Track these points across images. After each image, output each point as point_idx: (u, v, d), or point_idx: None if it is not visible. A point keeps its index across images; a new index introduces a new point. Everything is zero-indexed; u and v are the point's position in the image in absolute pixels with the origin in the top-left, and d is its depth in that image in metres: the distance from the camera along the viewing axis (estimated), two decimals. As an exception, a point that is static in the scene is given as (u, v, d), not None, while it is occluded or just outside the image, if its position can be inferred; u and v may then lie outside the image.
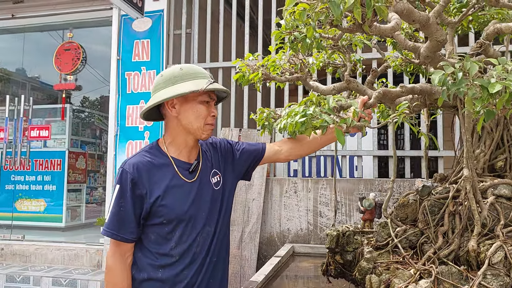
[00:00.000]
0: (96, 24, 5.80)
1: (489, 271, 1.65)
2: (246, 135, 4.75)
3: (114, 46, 5.25)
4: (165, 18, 5.20)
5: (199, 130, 1.62)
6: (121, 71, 5.25)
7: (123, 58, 5.25)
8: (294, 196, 4.43)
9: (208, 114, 1.62)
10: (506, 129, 2.07)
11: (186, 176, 1.64)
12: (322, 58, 2.48)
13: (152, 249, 1.60)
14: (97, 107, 7.50)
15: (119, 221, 1.55)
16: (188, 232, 1.61)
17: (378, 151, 4.50)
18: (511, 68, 1.21)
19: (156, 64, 5.19)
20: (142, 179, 1.56)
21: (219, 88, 1.62)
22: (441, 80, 1.35)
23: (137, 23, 5.23)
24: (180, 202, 1.60)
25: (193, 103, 1.61)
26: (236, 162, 1.82)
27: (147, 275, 1.59)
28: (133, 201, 1.55)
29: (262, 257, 4.46)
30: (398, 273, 1.77)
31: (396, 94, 2.10)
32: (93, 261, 5.05)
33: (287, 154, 1.90)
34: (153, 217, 1.59)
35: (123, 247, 1.58)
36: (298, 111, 1.53)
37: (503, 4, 1.31)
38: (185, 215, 1.60)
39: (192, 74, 1.61)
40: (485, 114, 1.36)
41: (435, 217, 1.95)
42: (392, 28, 1.43)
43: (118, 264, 1.57)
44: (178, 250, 1.60)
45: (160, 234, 1.60)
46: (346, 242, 2.16)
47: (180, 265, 1.60)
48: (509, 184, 1.87)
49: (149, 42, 5.23)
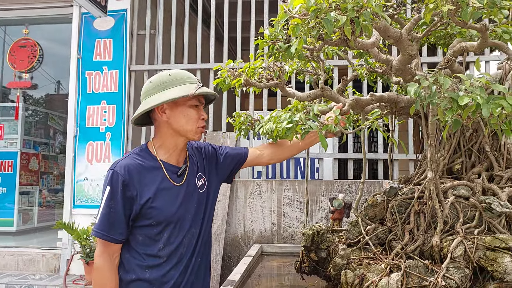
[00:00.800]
0: (55, 21, 5.61)
1: (451, 264, 1.83)
2: (211, 137, 4.80)
3: (74, 44, 5.12)
4: (129, 18, 5.14)
5: (191, 133, 1.67)
6: (81, 70, 5.12)
7: (83, 57, 5.13)
8: (259, 197, 4.54)
9: (198, 117, 1.68)
10: (462, 135, 2.28)
11: (174, 180, 1.68)
12: (295, 66, 2.60)
13: (140, 250, 1.63)
14: (52, 106, 7.22)
15: (109, 222, 1.57)
16: (175, 233, 1.66)
17: (338, 154, 4.71)
18: (478, 84, 1.38)
19: (119, 64, 5.11)
20: (133, 181, 1.59)
21: (208, 92, 1.68)
22: (416, 92, 1.51)
23: (99, 21, 5.13)
24: (169, 204, 1.64)
25: (183, 107, 1.66)
26: (219, 166, 1.89)
27: (135, 276, 1.62)
28: (124, 202, 1.57)
29: (227, 258, 4.53)
30: (370, 268, 1.91)
31: (366, 102, 2.26)
32: (50, 266, 4.88)
33: (268, 158, 2.00)
34: (142, 219, 1.61)
35: (111, 248, 1.60)
36: (285, 118, 1.63)
37: (469, 25, 1.48)
38: (174, 217, 1.65)
39: (181, 79, 1.66)
40: (453, 123, 1.53)
41: (402, 215, 2.12)
42: (373, 43, 1.56)
43: (106, 265, 1.59)
44: (166, 251, 1.64)
45: (149, 236, 1.63)
46: (320, 240, 2.28)
47: (167, 266, 1.64)
48: (467, 185, 2.08)
49: (112, 42, 5.15)
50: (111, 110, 5.04)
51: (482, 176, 2.12)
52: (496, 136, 2.25)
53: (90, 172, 4.97)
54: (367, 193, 4.16)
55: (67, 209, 4.92)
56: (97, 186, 4.94)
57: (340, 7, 1.32)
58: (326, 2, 1.33)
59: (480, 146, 2.24)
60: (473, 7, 1.32)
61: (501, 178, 2.09)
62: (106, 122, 5.04)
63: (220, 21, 6.64)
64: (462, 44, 1.73)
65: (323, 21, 1.31)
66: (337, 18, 1.30)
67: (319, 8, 1.33)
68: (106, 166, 4.95)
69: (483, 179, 2.10)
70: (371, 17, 1.37)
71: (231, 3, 5.18)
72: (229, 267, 4.43)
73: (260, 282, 2.57)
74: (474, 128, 2.27)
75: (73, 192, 4.96)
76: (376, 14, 1.42)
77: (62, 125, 7.14)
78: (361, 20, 1.35)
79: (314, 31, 1.37)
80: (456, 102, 1.43)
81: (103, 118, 5.05)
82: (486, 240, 1.83)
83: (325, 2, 1.33)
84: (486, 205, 1.93)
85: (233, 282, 2.17)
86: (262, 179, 4.61)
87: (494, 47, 1.70)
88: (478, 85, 1.39)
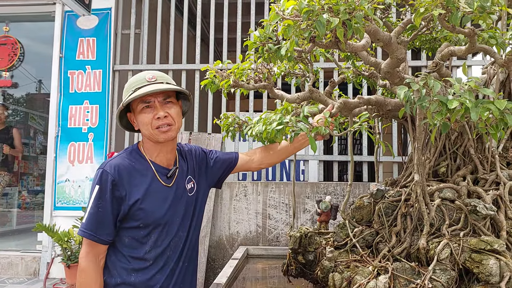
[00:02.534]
0: (37, 19, 5.48)
1: (437, 266, 1.84)
2: (196, 138, 4.76)
3: (56, 43, 5.01)
4: (113, 17, 5.07)
5: (154, 136, 1.62)
6: (63, 69, 5.02)
7: (66, 56, 5.03)
8: (244, 199, 4.51)
9: (152, 118, 1.60)
10: (447, 139, 2.31)
11: (164, 181, 1.66)
12: (283, 67, 2.60)
13: (126, 252, 1.60)
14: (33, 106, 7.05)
15: (97, 222, 1.54)
16: (163, 236, 1.63)
17: (323, 156, 4.73)
18: (467, 88, 1.39)
19: (103, 64, 5.03)
20: (122, 181, 1.56)
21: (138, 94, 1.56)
22: (406, 95, 1.51)
23: (82, 20, 5.03)
24: (157, 206, 1.61)
25: (137, 114, 1.63)
26: (209, 170, 1.87)
27: (120, 279, 1.59)
28: (112, 202, 1.55)
29: (211, 261, 4.49)
30: (358, 270, 1.91)
31: (354, 105, 2.26)
32: (29, 269, 4.76)
33: (258, 163, 1.99)
34: (129, 220, 1.59)
35: (97, 249, 1.57)
36: (274, 119, 1.62)
37: (458, 30, 1.49)
38: (162, 220, 1.62)
39: (131, 85, 1.62)
40: (442, 126, 1.55)
41: (388, 218, 2.14)
42: (363, 46, 1.56)
43: (91, 266, 1.55)
44: (153, 254, 1.61)
45: (135, 238, 1.60)
46: (308, 242, 2.28)
47: (153, 269, 1.61)
48: (452, 188, 2.10)
49: (95, 41, 5.06)
50: (94, 110, 4.95)
51: (467, 179, 2.15)
52: (481, 140, 2.28)
53: (72, 173, 4.87)
54: (352, 195, 4.19)
55: (48, 211, 4.81)
56: (79, 187, 4.84)
57: (332, 9, 1.31)
58: (319, 4, 1.32)
59: (465, 149, 2.28)
60: (463, 11, 1.33)
61: (486, 181, 2.12)
62: (88, 123, 4.95)
63: (206, 22, 6.61)
64: (451, 49, 1.75)
65: (315, 23, 1.30)
66: (330, 20, 1.30)
67: (311, 9, 1.32)
68: (89, 167, 4.86)
69: (468, 182, 2.13)
70: (363, 20, 1.37)
71: (217, 4, 5.16)
72: (213, 270, 4.40)
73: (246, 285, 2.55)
74: (459, 131, 2.30)
75: (54, 194, 4.85)
76: (367, 17, 1.42)
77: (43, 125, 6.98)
78: (353, 23, 1.34)
79: (306, 33, 1.36)
80: (445, 105, 1.45)
81: (86, 118, 4.96)
82: (472, 242, 1.85)
83: (317, 4, 1.32)
84: (471, 208, 1.95)
85: (220, 286, 2.15)
86: (247, 181, 4.59)
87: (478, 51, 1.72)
88: (467, 89, 1.40)
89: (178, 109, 1.68)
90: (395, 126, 4.53)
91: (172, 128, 1.62)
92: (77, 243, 4.29)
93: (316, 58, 2.58)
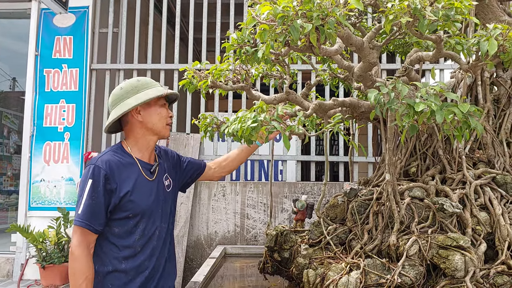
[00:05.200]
0: (12, 16, 5.36)
1: (407, 262, 1.92)
2: (175, 138, 4.77)
3: (32, 41, 4.93)
4: (90, 15, 5.02)
5: (163, 130, 1.83)
6: (39, 67, 4.94)
7: (42, 54, 4.95)
8: (223, 199, 4.54)
9: (167, 115, 1.84)
10: (418, 140, 2.41)
11: (148, 175, 1.81)
12: (261, 69, 2.65)
13: (116, 242, 1.73)
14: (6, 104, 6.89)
15: (91, 213, 1.66)
16: (150, 226, 1.78)
17: (301, 156, 4.80)
18: (432, 92, 1.47)
19: (79, 62, 4.98)
20: (113, 175, 1.70)
21: (174, 92, 1.85)
22: (376, 98, 1.58)
23: (59, 18, 4.97)
24: (144, 197, 1.76)
25: (155, 107, 1.82)
26: (181, 172, 2.05)
27: (111, 267, 1.71)
28: (104, 195, 1.68)
29: (189, 260, 4.51)
30: (331, 267, 1.98)
31: (329, 107, 2.33)
32: (3, 271, 4.67)
33: (218, 171, 2.20)
34: (119, 211, 1.72)
35: (89, 238, 1.68)
36: (249, 117, 1.67)
37: (425, 37, 1.57)
38: (148, 210, 1.77)
39: (149, 83, 1.84)
40: (410, 128, 1.62)
41: (361, 216, 2.21)
42: (336, 50, 1.63)
43: (85, 254, 1.66)
44: (141, 242, 1.75)
45: (125, 227, 1.73)
46: (283, 240, 2.33)
47: (141, 256, 1.75)
48: (421, 187, 2.19)
49: (72, 39, 5.00)
50: (71, 109, 4.89)
51: (435, 179, 2.25)
52: (449, 141, 2.39)
53: (47, 173, 4.80)
54: (329, 194, 4.27)
55: (22, 212, 4.73)
56: (54, 187, 4.77)
57: (306, 15, 1.37)
58: (293, 9, 1.37)
59: (434, 150, 2.38)
60: (429, 19, 1.41)
61: (453, 180, 2.22)
62: (65, 122, 4.88)
63: (185, 22, 6.60)
64: (419, 54, 1.83)
65: (290, 28, 1.36)
66: (303, 25, 1.35)
67: (286, 15, 1.38)
68: (65, 167, 4.80)
69: (437, 181, 2.23)
70: (335, 26, 1.42)
71: (196, 4, 5.17)
72: (191, 270, 4.41)
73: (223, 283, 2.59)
74: (429, 133, 2.40)
75: (29, 194, 4.77)
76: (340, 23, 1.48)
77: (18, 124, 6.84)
78: (326, 28, 1.40)
79: (281, 37, 1.42)
80: (413, 108, 1.52)
81: (62, 118, 4.89)
82: (439, 239, 1.94)
83: (291, 9, 1.38)
84: (439, 206, 2.04)
85: (196, 284, 2.18)
86: (226, 181, 4.62)
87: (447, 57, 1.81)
88: (432, 93, 1.48)
89: None
90: (370, 127, 4.64)
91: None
92: (52, 244, 4.24)
93: (293, 60, 2.64)
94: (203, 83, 2.17)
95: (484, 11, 2.38)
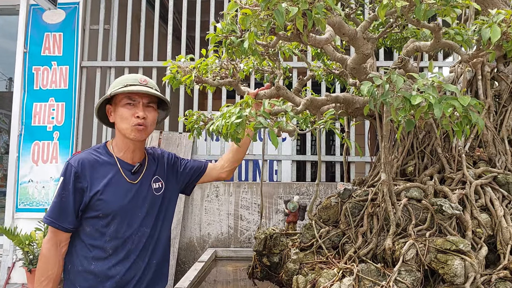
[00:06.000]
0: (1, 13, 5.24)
1: (403, 267, 1.80)
2: (167, 137, 4.64)
3: (20, 37, 4.80)
4: (81, 11, 4.89)
5: (128, 131, 1.73)
6: (27, 65, 4.81)
7: (31, 51, 4.82)
8: (216, 200, 4.42)
9: (132, 115, 1.72)
10: (415, 138, 2.29)
11: (128, 176, 1.76)
12: (251, 64, 2.53)
13: (87, 241, 1.69)
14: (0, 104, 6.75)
15: (59, 211, 1.65)
16: (123, 228, 1.71)
17: (296, 156, 4.68)
18: (430, 83, 1.35)
19: (69, 60, 4.85)
20: (85, 173, 1.68)
21: (129, 90, 1.70)
22: (369, 90, 1.46)
23: (48, 14, 4.84)
24: (117, 198, 1.70)
25: (119, 107, 1.75)
26: (179, 174, 1.97)
27: (81, 267, 1.68)
28: (74, 193, 1.66)
29: (181, 263, 4.38)
30: (323, 272, 1.85)
31: (321, 102, 2.21)
32: (-11, 274, 4.53)
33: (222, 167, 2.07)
34: (90, 210, 1.68)
35: (59, 236, 1.67)
36: (233, 112, 1.55)
37: (423, 24, 1.45)
38: (120, 211, 1.70)
39: (123, 81, 1.76)
40: (406, 124, 1.50)
41: (355, 218, 2.09)
42: (327, 39, 1.50)
43: (52, 252, 1.65)
44: (112, 244, 1.69)
45: (96, 227, 1.69)
46: (273, 244, 2.21)
47: (113, 259, 1.69)
48: (419, 187, 2.07)
49: (62, 36, 4.87)
50: (60, 108, 4.76)
51: (434, 178, 2.13)
52: (448, 138, 2.26)
53: (36, 174, 4.67)
54: (324, 195, 4.15)
55: (9, 213, 4.60)
56: (43, 188, 4.64)
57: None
58: (277, -9, 1.25)
59: (433, 148, 2.25)
60: (426, 3, 1.29)
61: (452, 180, 2.10)
62: (54, 121, 4.75)
63: (178, 18, 6.47)
64: (416, 44, 1.71)
65: (274, 12, 1.23)
66: (289, 9, 1.23)
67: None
68: (54, 167, 4.67)
69: (435, 181, 2.11)
70: (324, 11, 1.30)
71: (190, 1, 5.05)
72: (183, 273, 4.27)
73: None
74: (427, 130, 2.28)
75: (16, 195, 4.64)
76: (330, 8, 1.36)
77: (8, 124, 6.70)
78: (314, 13, 1.28)
79: (265, 23, 1.29)
80: (409, 101, 1.40)
81: (51, 116, 4.76)
82: (437, 242, 1.82)
83: (275, -8, 1.25)
84: (437, 207, 1.92)
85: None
86: (219, 182, 4.49)
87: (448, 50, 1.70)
88: (430, 84, 1.36)
89: (155, 116, 1.81)
90: (367, 125, 4.52)
91: (145, 130, 1.74)
92: (39, 247, 4.10)
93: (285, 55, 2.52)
94: (187, 78, 2.04)
95: (485, 2, 2.26)
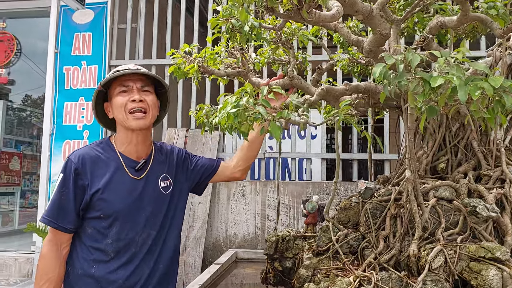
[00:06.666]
0: (33, 15, 5.39)
1: (429, 277, 1.57)
2: (193, 136, 4.56)
3: (51, 38, 4.89)
4: (109, 11, 4.92)
5: (125, 121, 1.62)
6: (59, 65, 4.89)
7: (61, 52, 4.90)
8: (242, 199, 4.29)
9: (127, 101, 1.61)
10: (448, 130, 2.03)
11: (132, 173, 1.64)
12: (266, 54, 2.36)
13: (88, 243, 1.59)
14: (35, 104, 6.98)
15: (59, 210, 1.55)
16: (126, 230, 1.60)
17: (326, 154, 4.45)
18: (453, 61, 1.13)
19: (98, 59, 4.88)
20: (85, 170, 1.57)
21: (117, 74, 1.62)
22: (382, 72, 1.26)
23: (78, 14, 4.90)
24: (119, 198, 1.59)
25: (114, 96, 1.64)
26: (190, 172, 1.84)
27: (81, 270, 1.58)
28: (75, 191, 1.56)
29: (208, 263, 4.28)
30: (337, 280, 1.66)
31: (340, 92, 2.01)
32: (23, 270, 4.64)
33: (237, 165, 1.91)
34: (91, 210, 1.59)
35: (59, 237, 1.58)
36: (230, 102, 1.39)
37: (446, -6, 1.24)
38: (123, 212, 1.59)
39: (115, 70, 1.67)
40: (427, 111, 1.28)
41: (376, 220, 1.87)
42: (333, 16, 1.32)
43: (52, 253, 1.56)
44: (114, 247, 1.59)
45: (97, 228, 1.59)
46: (285, 247, 2.03)
47: (115, 263, 1.58)
48: (450, 186, 1.82)
49: (91, 36, 4.92)
50: (90, 107, 4.81)
51: (468, 176, 1.87)
52: (485, 132, 2.00)
53: (66, 172, 4.73)
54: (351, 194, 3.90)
55: (41, 211, 4.68)
56: (73, 186, 4.69)
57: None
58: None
59: (468, 142, 1.99)
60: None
61: (489, 178, 1.83)
62: (84, 120, 4.81)
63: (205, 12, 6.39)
64: (440, 19, 1.48)
65: (262, -19, 1.07)
66: (278, -23, 1.06)
67: (258, -34, 1.09)
68: (83, 166, 4.71)
69: (469, 179, 1.85)
70: (323, -20, 1.12)
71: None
72: (208, 273, 4.18)
73: (219, 294, 2.32)
74: (461, 122, 2.02)
75: (48, 194, 4.73)
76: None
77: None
78: (310, -18, 1.10)
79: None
80: (428, 83, 1.18)
81: (81, 116, 4.82)
82: (470, 249, 1.57)
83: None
84: (471, 209, 1.67)
85: (188, 294, 1.93)
86: (245, 180, 4.35)
87: (472, 22, 1.45)
88: (453, 63, 1.14)
89: (155, 99, 1.69)
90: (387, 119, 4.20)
91: (146, 116, 1.63)
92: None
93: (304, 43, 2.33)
94: (191, 67, 1.91)
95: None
